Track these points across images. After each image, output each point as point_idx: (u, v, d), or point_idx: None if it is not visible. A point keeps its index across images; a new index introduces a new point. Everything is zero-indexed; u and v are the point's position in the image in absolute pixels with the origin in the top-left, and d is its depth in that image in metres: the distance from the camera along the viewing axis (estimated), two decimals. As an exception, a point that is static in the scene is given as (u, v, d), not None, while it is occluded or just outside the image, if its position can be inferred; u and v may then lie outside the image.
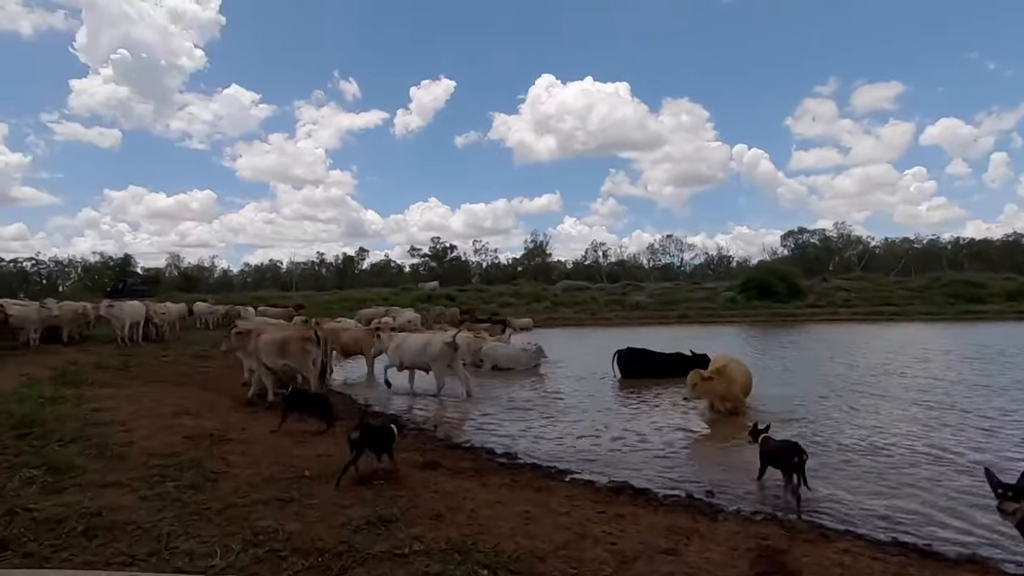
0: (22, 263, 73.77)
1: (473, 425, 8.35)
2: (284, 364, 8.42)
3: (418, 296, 46.68)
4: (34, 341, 14.70)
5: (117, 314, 15.80)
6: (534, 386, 12.35)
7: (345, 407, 9.34)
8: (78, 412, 6.85)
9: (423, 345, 10.68)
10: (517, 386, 12.28)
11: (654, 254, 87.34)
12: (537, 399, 10.58)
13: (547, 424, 8.47)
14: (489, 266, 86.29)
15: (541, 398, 10.79)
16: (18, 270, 72.97)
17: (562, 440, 7.56)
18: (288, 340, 8.43)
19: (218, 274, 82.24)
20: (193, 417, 7.23)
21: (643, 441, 7.50)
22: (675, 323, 42.92)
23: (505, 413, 9.27)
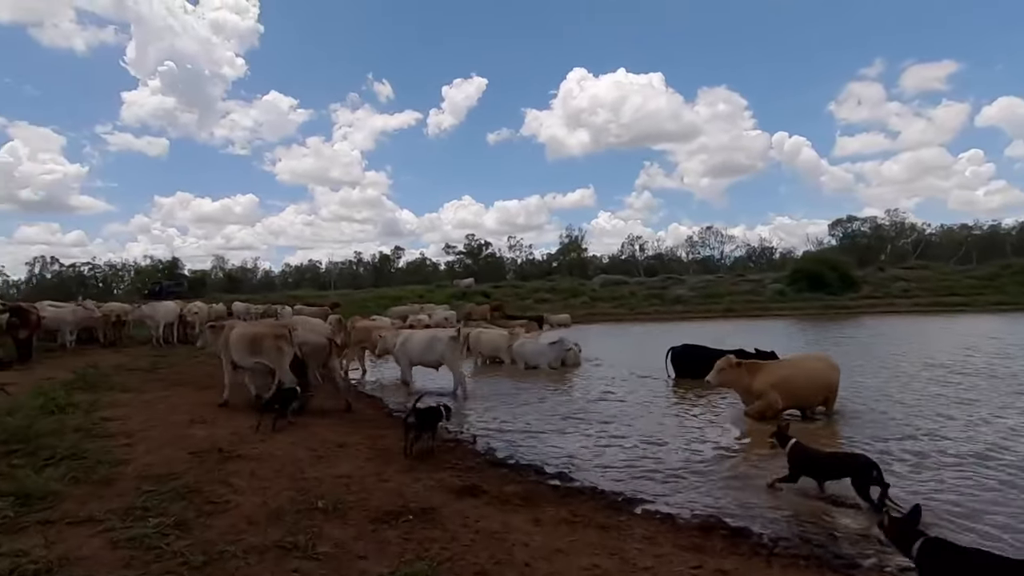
0: (80, 268, 77.40)
1: (514, 435, 7.38)
2: (256, 362, 7.77)
3: (453, 293, 46.14)
4: (70, 343, 14.59)
5: (150, 314, 15.63)
6: (577, 388, 11.31)
7: (374, 412, 8.56)
8: (83, 422, 6.25)
9: (429, 341, 10.33)
10: (558, 388, 11.27)
11: (693, 247, 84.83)
12: (583, 403, 9.55)
13: (597, 434, 7.43)
14: (524, 262, 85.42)
15: (587, 402, 9.75)
16: (76, 274, 76.47)
17: (617, 454, 6.52)
18: (261, 337, 7.78)
19: (260, 275, 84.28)
20: (208, 426, 6.53)
21: (715, 457, 6.38)
22: (720, 317, 40.98)
23: (548, 421, 8.28)
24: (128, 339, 16.88)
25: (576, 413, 8.71)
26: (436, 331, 11.34)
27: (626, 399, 9.83)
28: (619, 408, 9.07)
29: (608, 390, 10.75)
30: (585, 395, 10.38)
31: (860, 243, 76.03)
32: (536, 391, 11.00)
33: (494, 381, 12.20)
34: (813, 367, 8.16)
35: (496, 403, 9.47)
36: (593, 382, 11.81)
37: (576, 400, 9.91)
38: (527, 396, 10.35)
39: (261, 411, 6.06)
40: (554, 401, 9.83)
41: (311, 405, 8.24)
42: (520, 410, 8.98)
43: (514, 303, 44.62)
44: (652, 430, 7.68)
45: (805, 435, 6.70)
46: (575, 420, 8.26)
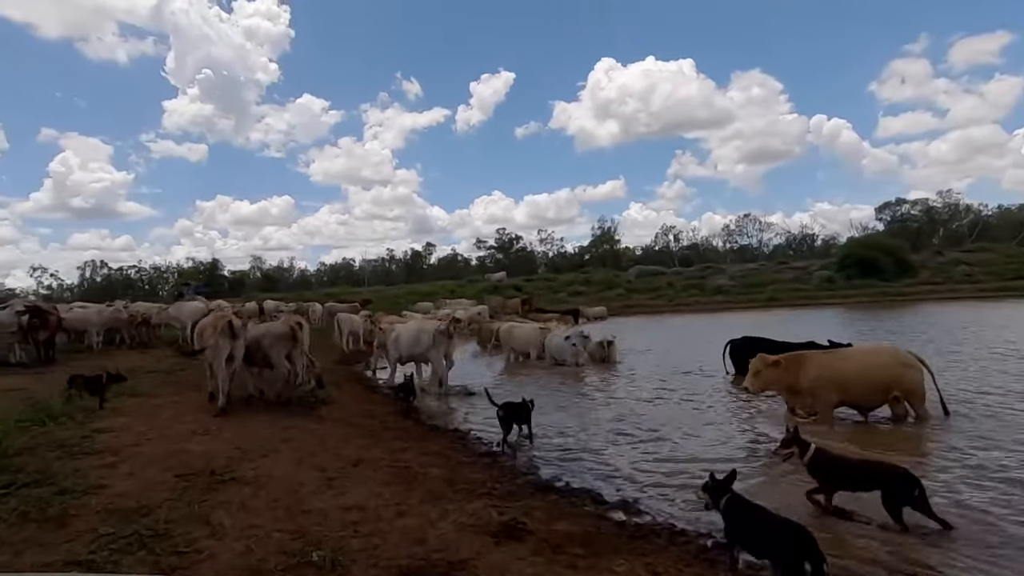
0: (127, 271, 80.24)
1: (558, 447, 6.35)
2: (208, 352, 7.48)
3: (485, 288, 45.32)
4: (97, 344, 14.29)
5: (176, 316, 15.22)
6: (620, 387, 10.18)
7: (399, 419, 7.66)
8: (72, 435, 5.54)
9: (416, 334, 10.16)
10: (599, 388, 10.20)
11: (730, 235, 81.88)
12: (631, 406, 8.44)
13: (653, 445, 6.32)
14: (555, 255, 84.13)
15: (635, 404, 8.66)
16: (123, 277, 79.30)
17: (683, 471, 5.42)
18: (204, 328, 7.64)
19: (296, 274, 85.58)
20: (209, 438, 5.73)
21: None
22: (764, 307, 38.92)
23: (594, 428, 7.23)
24: (157, 340, 16.56)
25: (624, 418, 7.62)
26: (423, 324, 11.02)
27: (680, 401, 8.68)
28: (673, 412, 7.92)
29: (658, 390, 9.61)
30: (631, 396, 9.27)
31: (910, 227, 71.73)
32: (575, 391, 9.96)
33: (527, 380, 11.18)
34: (871, 360, 6.92)
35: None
36: (638, 381, 10.67)
37: (623, 402, 8.80)
38: (565, 398, 9.32)
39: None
40: (597, 404, 8.76)
41: (330, 413, 7.42)
42: (560, 416, 7.93)
43: (547, 296, 43.51)
44: (715, 438, 6.55)
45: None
46: (625, 427, 7.17)
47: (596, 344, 13.55)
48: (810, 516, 4.14)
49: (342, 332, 17.81)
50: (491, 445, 6.29)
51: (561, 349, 13.13)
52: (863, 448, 5.80)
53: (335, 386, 10.16)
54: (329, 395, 8.29)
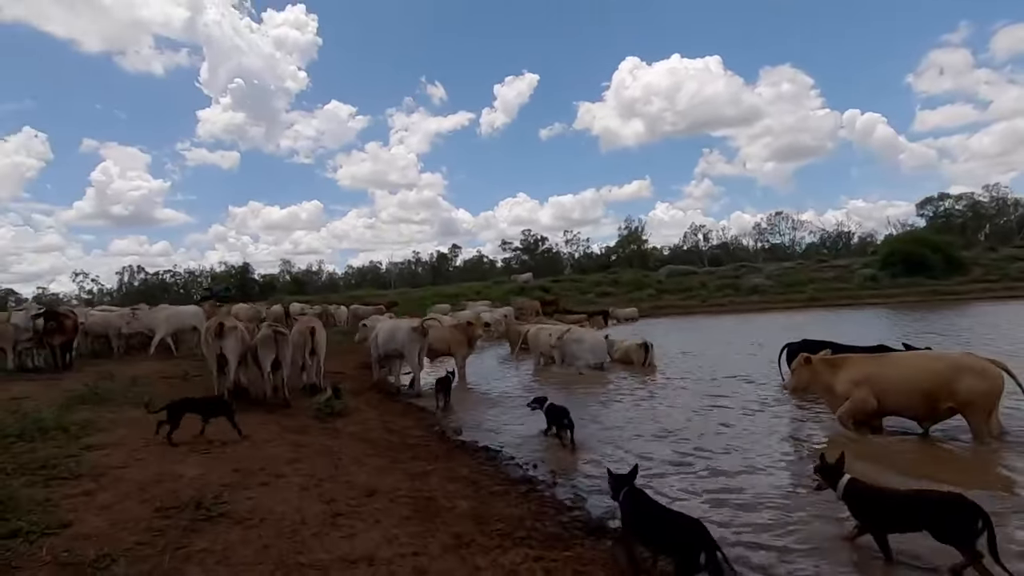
0: (163, 275, 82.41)
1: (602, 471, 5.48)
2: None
3: (511, 289, 44.56)
4: (120, 348, 14.00)
5: (148, 322, 14.24)
6: (662, 397, 9.23)
7: (422, 434, 6.89)
8: (56, 453, 4.93)
9: (391, 331, 10.35)
10: (638, 397, 9.27)
11: (761, 234, 79.41)
12: (678, 421, 7.48)
13: (712, 475, 5.35)
14: (581, 256, 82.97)
15: (682, 419, 7.74)
16: (159, 282, 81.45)
17: (763, 502, 4.51)
18: (205, 331, 8.02)
19: (325, 277, 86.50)
20: (208, 458, 5.06)
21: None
22: (804, 307, 37.14)
23: (643, 446, 6.33)
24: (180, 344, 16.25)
25: (672, 436, 6.67)
26: (399, 322, 11.14)
27: (735, 419, 7.58)
28: (729, 432, 6.89)
29: (706, 401, 8.62)
30: (676, 408, 8.31)
31: (953, 222, 68.27)
32: (612, 402, 9.04)
33: (557, 386, 10.30)
34: (920, 366, 6.19)
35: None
36: (681, 391, 9.64)
37: (669, 416, 7.86)
38: (600, 409, 8.42)
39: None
40: (638, 417, 7.83)
41: (346, 425, 6.72)
42: (596, 431, 7.07)
43: (574, 297, 42.50)
44: (779, 460, 5.59)
45: None
46: (674, 447, 6.25)
47: (635, 347, 12.72)
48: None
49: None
50: (526, 467, 5.46)
51: (578, 351, 12.30)
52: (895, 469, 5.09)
53: (354, 394, 9.50)
54: (347, 405, 7.60)
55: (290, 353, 8.22)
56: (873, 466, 5.07)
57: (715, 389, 9.60)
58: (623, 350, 13.17)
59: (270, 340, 7.94)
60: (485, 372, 13.22)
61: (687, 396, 9.15)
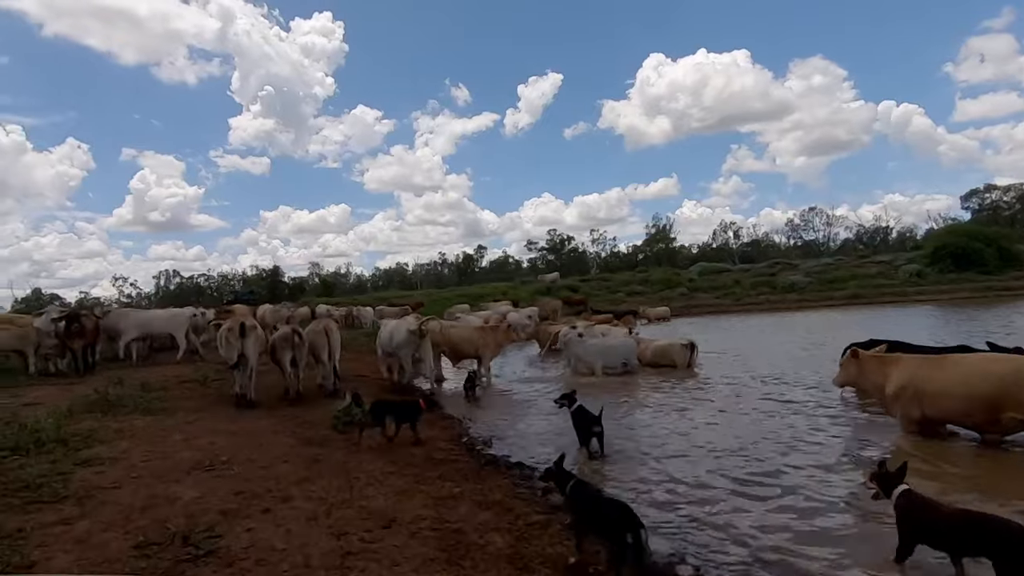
0: (197, 279, 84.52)
1: (656, 500, 4.74)
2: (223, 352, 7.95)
3: (537, 289, 43.81)
4: (142, 349, 13.79)
5: (113, 324, 13.13)
6: (707, 405, 8.39)
7: (449, 445, 6.24)
8: (48, 471, 4.45)
9: (392, 332, 10.33)
10: (683, 406, 8.46)
11: (794, 230, 76.71)
12: (741, 436, 6.64)
13: (801, 508, 4.53)
14: (608, 255, 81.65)
15: (742, 423, 6.93)
16: (194, 285, 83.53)
17: (865, 540, 3.72)
18: (223, 331, 8.02)
19: (352, 279, 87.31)
20: (211, 476, 4.53)
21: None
22: (845, 305, 35.43)
23: (699, 462, 5.57)
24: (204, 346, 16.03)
25: (735, 456, 5.82)
26: (399, 322, 11.04)
27: (803, 431, 6.70)
28: (798, 448, 6.03)
29: (767, 410, 7.75)
30: (735, 418, 7.48)
31: (1001, 215, 64.76)
32: (650, 408, 8.25)
33: (587, 390, 9.54)
34: (979, 370, 5.48)
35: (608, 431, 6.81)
36: (734, 399, 8.71)
37: (721, 427, 7.03)
38: (639, 417, 7.65)
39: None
40: (683, 428, 7.02)
41: (367, 437, 6.12)
42: (636, 443, 6.32)
43: (603, 296, 41.52)
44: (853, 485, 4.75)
45: None
46: (736, 466, 5.46)
47: (679, 347, 11.94)
48: None
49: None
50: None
51: (589, 353, 11.50)
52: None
53: (376, 399, 8.95)
54: (368, 414, 7.01)
55: (306, 352, 8.40)
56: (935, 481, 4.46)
57: (770, 394, 8.73)
58: (662, 350, 12.35)
59: (288, 339, 8.27)
60: (514, 375, 12.56)
61: (737, 402, 8.30)
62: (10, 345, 10.85)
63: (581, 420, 5.75)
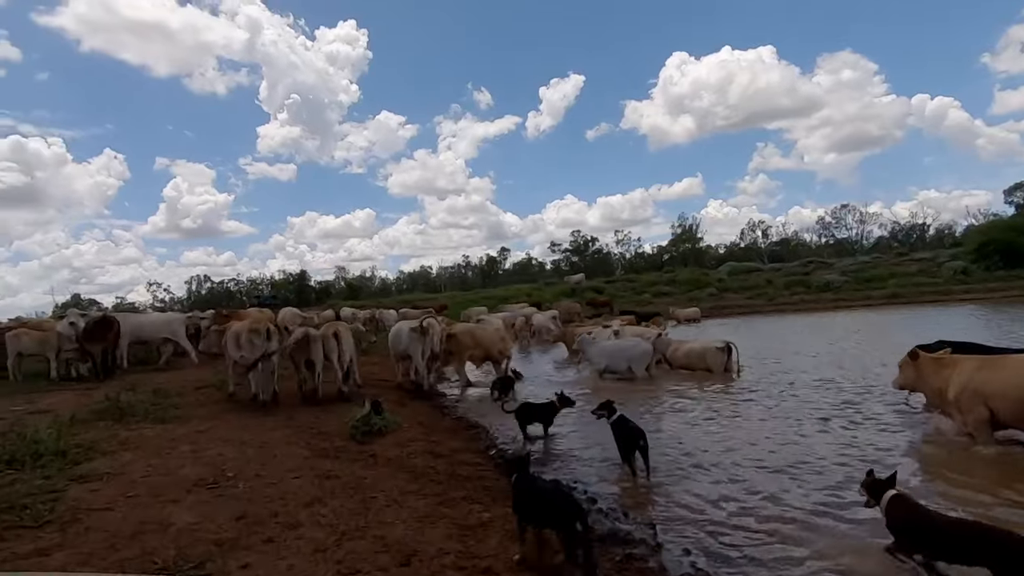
0: (227, 284, 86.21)
1: (713, 519, 4.12)
2: (241, 355, 8.09)
3: (562, 290, 43.13)
4: (167, 354, 13.65)
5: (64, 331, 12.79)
6: (775, 409, 7.68)
7: (475, 458, 5.70)
8: (39, 487, 4.07)
9: (398, 333, 10.55)
10: (731, 414, 7.75)
11: (825, 228, 74.21)
12: (803, 447, 5.96)
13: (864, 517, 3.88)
14: (633, 256, 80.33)
15: (801, 431, 6.22)
16: (224, 290, 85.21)
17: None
18: (239, 332, 8.17)
19: (377, 283, 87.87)
20: (213, 496, 4.08)
21: None
22: (885, 305, 33.83)
23: (763, 487, 4.91)
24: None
25: (787, 469, 5.18)
26: (404, 323, 11.20)
27: (865, 442, 6.02)
28: (861, 462, 5.33)
29: (815, 418, 7.02)
30: (779, 424, 6.79)
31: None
32: (687, 414, 7.58)
33: (634, 398, 8.90)
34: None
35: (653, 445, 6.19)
36: (781, 406, 7.93)
37: (774, 439, 6.33)
38: (678, 426, 6.99)
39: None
40: (730, 439, 6.35)
41: (385, 449, 5.64)
42: (682, 457, 5.68)
43: (629, 298, 40.59)
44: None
45: None
46: (797, 486, 4.79)
47: (714, 350, 11.19)
48: None
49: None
50: (614, 516, 4.16)
51: (600, 355, 11.02)
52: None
53: (398, 404, 8.51)
54: (388, 422, 6.54)
55: (322, 353, 8.52)
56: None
57: (823, 401, 7.97)
58: (696, 353, 11.62)
59: (304, 341, 8.46)
60: (540, 380, 11.98)
61: (784, 411, 7.57)
62: (32, 349, 10.75)
63: (623, 433, 5.15)
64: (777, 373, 10.75)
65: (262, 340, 7.98)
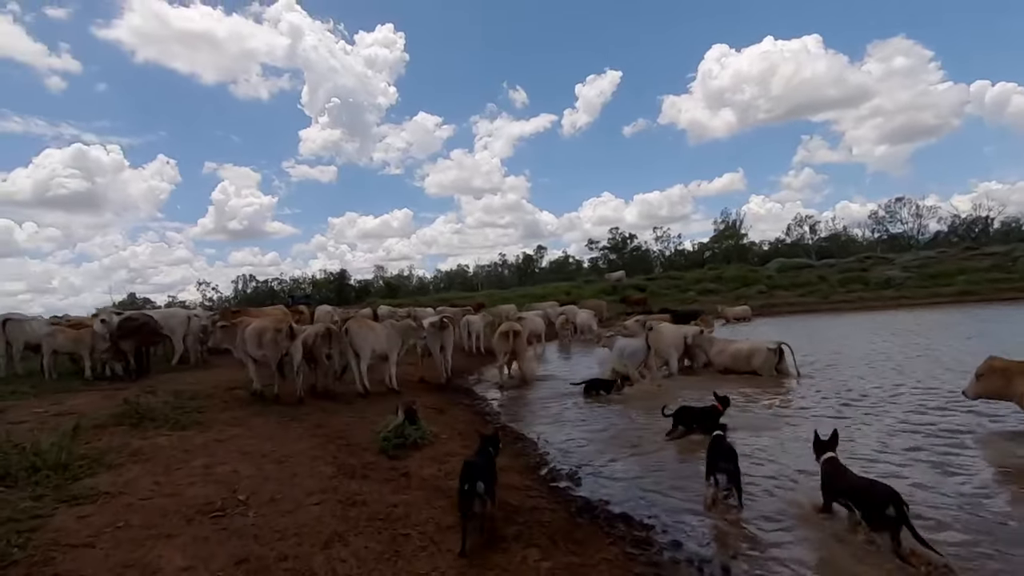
0: (270, 283, 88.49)
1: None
2: (262, 354, 8.28)
3: (603, 288, 41.91)
4: (200, 353, 13.42)
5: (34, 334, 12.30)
6: (844, 420, 6.58)
7: (523, 480, 4.89)
8: (23, 512, 3.49)
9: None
10: (812, 419, 6.67)
11: (879, 223, 69.91)
12: (877, 456, 4.89)
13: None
14: (672, 254, 77.93)
15: (888, 446, 5.13)
16: (268, 288, 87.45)
17: None
18: (263, 330, 8.29)
19: (415, 282, 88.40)
20: (218, 529, 3.42)
21: None
22: (954, 303, 31.20)
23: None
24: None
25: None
26: (426, 319, 11.41)
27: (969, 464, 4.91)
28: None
29: (902, 432, 5.90)
30: (866, 432, 5.69)
31: None
32: (755, 426, 6.54)
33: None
34: None
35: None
36: (850, 418, 6.83)
37: (873, 454, 5.27)
38: (750, 436, 5.96)
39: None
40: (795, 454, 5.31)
41: (420, 467, 4.90)
42: (778, 473, 4.70)
43: (673, 296, 39.08)
44: None
45: None
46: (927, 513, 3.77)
47: (764, 350, 10.34)
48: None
49: (470, 334, 16.72)
50: (705, 568, 3.28)
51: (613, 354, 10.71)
52: None
53: (437, 411, 7.79)
54: (424, 433, 5.81)
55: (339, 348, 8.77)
56: None
57: (904, 412, 6.79)
58: (742, 354, 10.63)
59: (324, 336, 8.85)
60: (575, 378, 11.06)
61: (852, 422, 6.44)
62: (67, 348, 10.58)
63: (718, 455, 4.27)
64: (845, 377, 9.55)
65: (284, 339, 8.11)
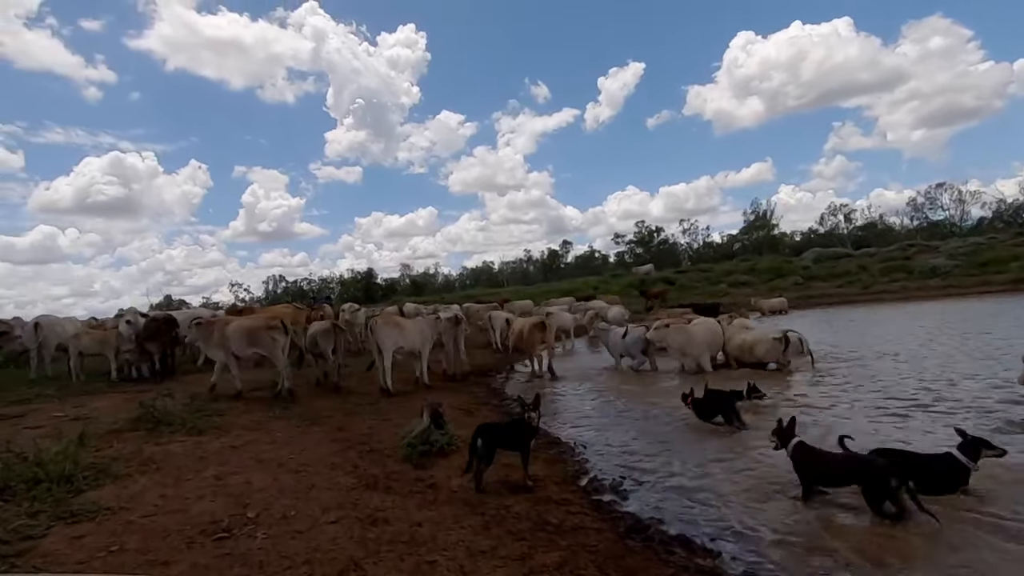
0: (299, 283, 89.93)
1: None
2: (254, 352, 8.37)
3: (630, 282, 41.03)
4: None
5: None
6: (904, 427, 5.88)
7: (561, 492, 4.40)
8: (13, 529, 3.17)
9: (433, 324, 10.58)
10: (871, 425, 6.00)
11: (917, 210, 66.79)
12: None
13: None
14: (701, 246, 76.13)
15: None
16: (297, 288, 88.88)
17: None
18: (256, 329, 8.35)
19: (441, 279, 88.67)
20: (222, 552, 3.05)
21: None
22: (1008, 292, 29.38)
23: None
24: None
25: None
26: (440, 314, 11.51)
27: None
28: None
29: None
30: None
31: None
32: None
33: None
34: None
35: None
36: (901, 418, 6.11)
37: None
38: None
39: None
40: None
41: (448, 477, 4.46)
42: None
43: (703, 288, 38.04)
44: None
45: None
46: None
47: (769, 340, 9.96)
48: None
49: (495, 330, 16.32)
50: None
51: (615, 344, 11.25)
52: None
53: (464, 412, 7.36)
54: (452, 439, 5.37)
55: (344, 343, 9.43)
56: None
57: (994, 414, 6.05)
58: (747, 345, 10.10)
59: (329, 332, 9.28)
60: (618, 380, 10.51)
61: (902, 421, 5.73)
62: (93, 349, 10.55)
63: (806, 463, 3.81)
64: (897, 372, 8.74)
65: (282, 335, 8.31)
